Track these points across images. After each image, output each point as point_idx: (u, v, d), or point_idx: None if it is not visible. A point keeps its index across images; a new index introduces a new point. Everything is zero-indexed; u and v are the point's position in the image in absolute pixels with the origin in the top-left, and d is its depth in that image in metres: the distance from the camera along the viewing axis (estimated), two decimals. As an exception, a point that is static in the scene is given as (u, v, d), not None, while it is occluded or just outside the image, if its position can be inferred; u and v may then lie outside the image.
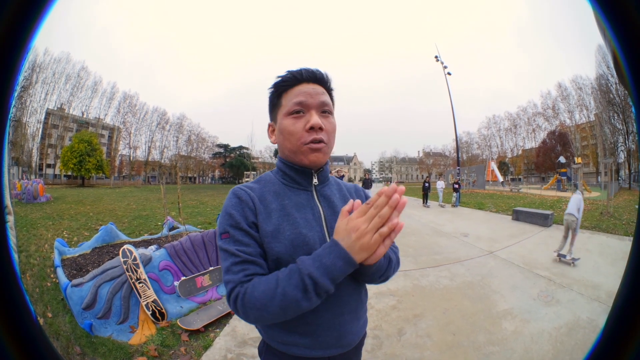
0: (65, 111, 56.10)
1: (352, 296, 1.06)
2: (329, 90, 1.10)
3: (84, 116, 59.37)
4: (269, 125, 1.15)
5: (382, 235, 0.81)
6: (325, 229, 1.04)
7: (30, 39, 0.58)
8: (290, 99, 1.03)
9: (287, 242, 0.97)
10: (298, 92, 1.03)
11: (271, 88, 1.10)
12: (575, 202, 6.21)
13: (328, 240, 1.01)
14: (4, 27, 0.54)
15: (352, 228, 0.83)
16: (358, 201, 0.90)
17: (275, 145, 1.15)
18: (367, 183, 17.08)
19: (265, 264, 0.97)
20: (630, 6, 0.52)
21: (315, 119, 1.01)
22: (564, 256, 6.06)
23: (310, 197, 1.08)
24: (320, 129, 1.02)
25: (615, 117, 43.92)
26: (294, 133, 1.02)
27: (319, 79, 1.07)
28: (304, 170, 1.08)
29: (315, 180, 1.10)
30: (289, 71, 1.07)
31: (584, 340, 3.24)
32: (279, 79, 1.07)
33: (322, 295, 0.86)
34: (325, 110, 1.05)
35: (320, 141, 1.02)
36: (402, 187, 0.81)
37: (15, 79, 0.58)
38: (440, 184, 18.49)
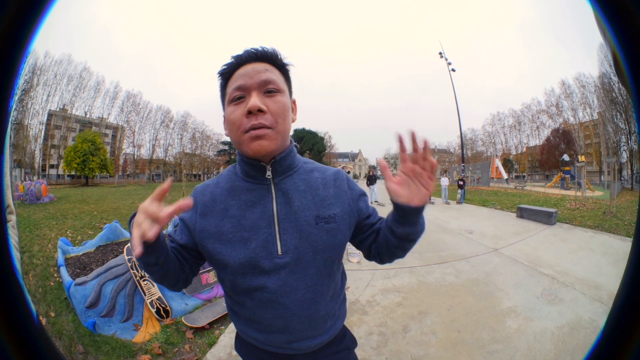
0: (68, 112, 56.40)
1: (303, 306, 0.98)
2: (280, 67, 0.98)
3: (87, 116, 59.66)
4: (224, 118, 1.01)
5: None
6: (276, 228, 0.95)
7: (30, 41, 0.57)
8: (232, 84, 0.93)
9: (228, 244, 0.95)
10: (238, 75, 0.92)
11: (218, 77, 0.99)
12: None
13: (278, 242, 0.95)
14: (3, 30, 0.53)
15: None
16: None
17: None
18: (372, 179, 17.10)
19: (182, 251, 1.02)
20: (630, 6, 0.52)
21: (253, 100, 0.88)
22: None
23: (264, 193, 0.99)
24: (260, 111, 0.88)
25: (618, 116, 43.80)
26: (234, 121, 0.91)
27: (261, 56, 0.94)
28: (254, 164, 0.97)
29: (268, 174, 0.98)
30: (232, 55, 0.96)
31: (585, 340, 3.22)
32: (224, 66, 0.96)
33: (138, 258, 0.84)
34: (270, 90, 0.92)
35: (261, 126, 0.89)
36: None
37: (15, 82, 0.57)
38: (445, 181, 18.07)
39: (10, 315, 0.58)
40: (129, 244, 3.86)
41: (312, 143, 63.84)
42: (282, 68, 0.99)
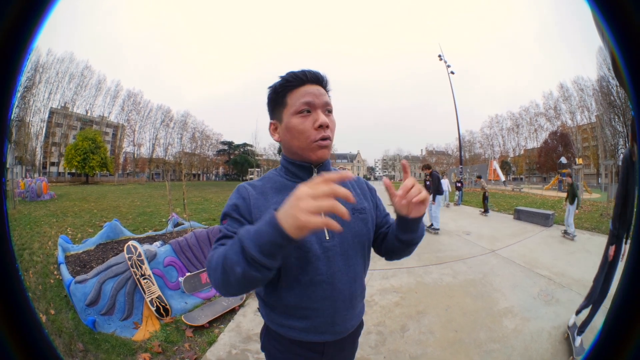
0: (69, 110, 56.27)
1: (346, 284, 1.11)
2: (327, 91, 1.16)
3: (88, 114, 59.56)
4: (271, 124, 1.19)
5: (319, 207, 0.73)
6: (322, 217, 1.01)
7: (32, 38, 0.58)
8: (297, 98, 1.08)
9: None
10: (304, 92, 1.08)
11: (275, 88, 1.13)
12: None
13: (326, 234, 1.10)
14: (6, 28, 0.54)
15: (293, 194, 0.78)
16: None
17: (279, 143, 1.20)
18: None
19: None
20: (629, 7, 0.53)
21: (323, 117, 1.07)
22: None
23: None
24: (327, 126, 1.08)
25: (616, 120, 43.79)
26: (304, 131, 1.08)
27: (320, 80, 1.13)
28: (305, 166, 1.15)
29: (315, 175, 1.15)
30: (291, 72, 1.11)
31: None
32: (284, 79, 1.11)
33: (253, 263, 0.79)
34: (329, 109, 1.12)
35: (327, 138, 1.09)
36: (348, 173, 0.84)
37: (17, 79, 0.58)
38: (444, 183, 17.26)
39: (11, 312, 0.59)
40: (129, 242, 3.88)
41: (311, 143, 63.62)
42: (328, 92, 1.17)
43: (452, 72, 46.23)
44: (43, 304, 3.85)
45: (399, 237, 1.12)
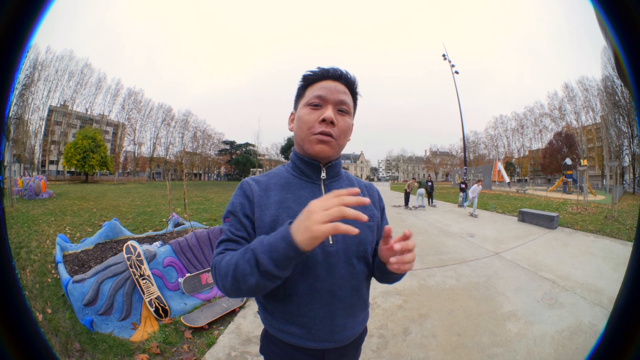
0: (69, 108, 56.48)
1: (346, 292, 1.08)
2: (353, 93, 1.15)
3: (88, 113, 59.77)
4: (291, 114, 1.21)
5: (329, 215, 0.77)
6: None
7: (30, 35, 0.57)
8: (313, 91, 1.09)
9: None
10: (320, 86, 1.09)
11: (301, 80, 1.15)
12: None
13: (330, 238, 1.07)
14: (3, 24, 0.54)
15: (305, 209, 0.82)
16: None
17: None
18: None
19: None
20: (632, 6, 0.52)
21: (328, 112, 1.05)
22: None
23: (316, 191, 1.13)
24: (332, 123, 1.05)
25: (621, 120, 43.79)
26: (307, 122, 1.08)
27: (343, 78, 1.11)
28: (313, 163, 1.12)
29: (323, 175, 1.14)
30: (318, 67, 1.13)
31: (585, 344, 3.21)
32: (308, 72, 1.13)
33: (267, 275, 0.84)
34: (343, 109, 1.09)
35: (329, 134, 1.06)
36: (356, 189, 0.83)
37: (15, 77, 0.57)
38: (476, 190, 13.94)
39: (5, 310, 0.58)
40: (128, 242, 3.84)
41: (313, 144, 63.72)
42: (354, 95, 1.17)
43: (457, 72, 46.13)
44: (40, 302, 3.82)
45: (381, 274, 1.14)
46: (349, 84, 1.13)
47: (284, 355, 1.15)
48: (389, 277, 1.13)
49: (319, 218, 0.77)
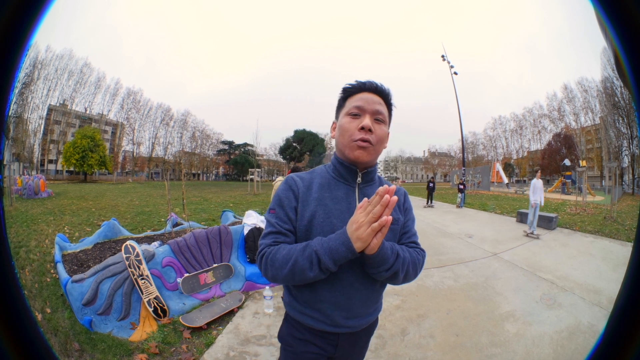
0: (68, 107, 56.37)
1: (363, 285, 1.20)
2: (388, 104, 1.26)
3: (87, 112, 59.65)
4: (333, 123, 1.33)
5: (373, 230, 0.96)
6: None
7: (31, 34, 0.58)
8: (352, 102, 1.21)
9: (319, 227, 1.16)
10: (359, 98, 1.21)
11: (341, 92, 1.27)
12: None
13: None
14: (3, 23, 0.54)
15: (353, 220, 1.01)
16: (365, 199, 1.03)
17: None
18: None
19: (294, 239, 1.19)
20: (631, 4, 0.52)
21: (367, 121, 1.17)
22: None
23: (350, 193, 1.24)
24: (370, 130, 1.17)
25: (620, 121, 43.79)
26: (348, 130, 1.19)
27: (379, 90, 1.23)
28: (351, 168, 1.24)
29: (359, 179, 1.25)
30: (357, 81, 1.25)
31: (584, 345, 3.22)
32: (348, 85, 1.25)
33: (325, 271, 1.06)
34: (379, 119, 1.21)
35: (367, 141, 1.17)
36: (393, 187, 0.99)
37: (15, 76, 0.58)
38: (538, 184, 9.15)
39: (5, 310, 0.58)
40: (127, 242, 3.84)
41: (312, 144, 63.76)
42: (389, 106, 1.28)
43: (455, 73, 46.24)
44: (39, 302, 3.82)
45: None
46: (384, 95, 1.24)
47: (302, 338, 1.27)
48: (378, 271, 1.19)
49: (368, 233, 0.97)
